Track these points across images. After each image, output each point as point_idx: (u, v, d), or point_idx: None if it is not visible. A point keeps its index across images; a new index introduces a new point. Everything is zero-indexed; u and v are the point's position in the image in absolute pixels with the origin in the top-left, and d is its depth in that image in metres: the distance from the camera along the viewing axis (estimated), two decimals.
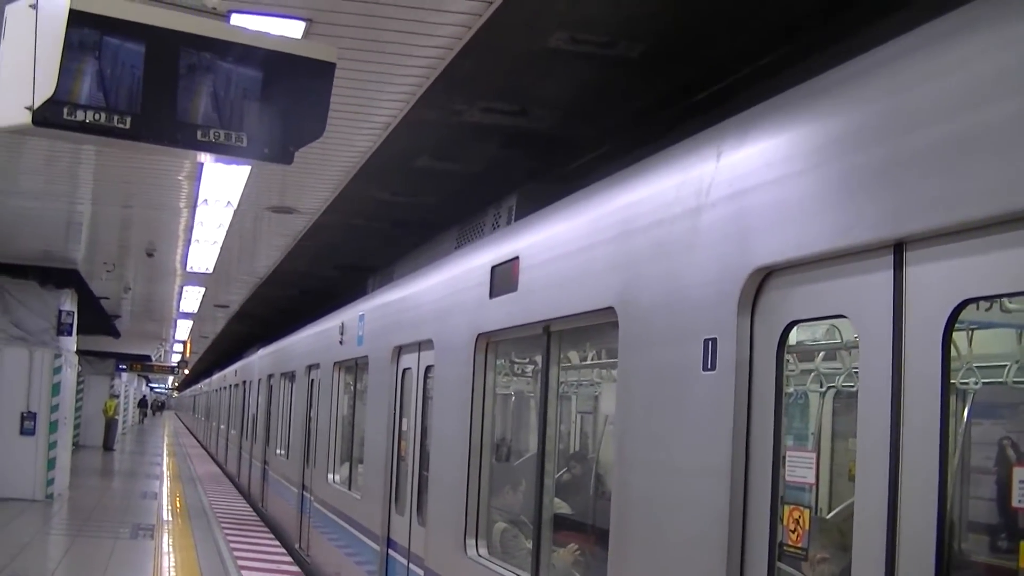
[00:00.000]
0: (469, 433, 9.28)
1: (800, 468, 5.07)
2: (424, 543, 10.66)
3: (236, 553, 18.53)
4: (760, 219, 5.13)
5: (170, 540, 19.74)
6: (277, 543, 20.64)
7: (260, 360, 29.61)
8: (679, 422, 5.69)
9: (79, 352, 29.25)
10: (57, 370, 25.14)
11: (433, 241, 13.03)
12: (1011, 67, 3.79)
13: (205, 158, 7.25)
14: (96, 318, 31.24)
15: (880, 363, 4.27)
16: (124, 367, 53.70)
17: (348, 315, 16.11)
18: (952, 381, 4.16)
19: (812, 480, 5.14)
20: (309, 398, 19.35)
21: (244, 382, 33.83)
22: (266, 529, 22.84)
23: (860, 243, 4.40)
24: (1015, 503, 3.96)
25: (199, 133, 6.00)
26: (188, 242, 18.30)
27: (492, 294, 8.96)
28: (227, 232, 16.96)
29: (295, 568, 17.65)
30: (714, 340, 5.33)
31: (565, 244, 7.68)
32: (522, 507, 9.19)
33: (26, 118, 5.29)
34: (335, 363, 16.85)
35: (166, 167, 12.89)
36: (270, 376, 26.17)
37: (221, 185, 13.57)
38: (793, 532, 4.90)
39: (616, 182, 7.13)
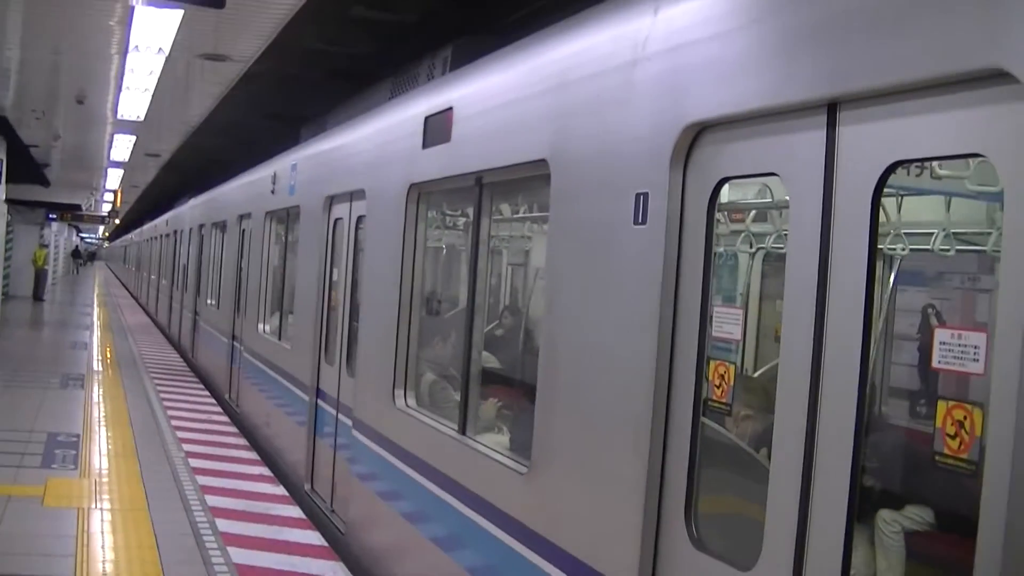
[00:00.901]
0: (400, 284, 9.33)
1: (727, 324, 5.20)
2: (353, 394, 10.78)
3: (166, 403, 18.57)
4: (695, 75, 5.10)
5: (100, 390, 19.73)
6: (207, 393, 20.69)
7: (191, 210, 29.41)
8: (609, 275, 5.72)
9: (8, 201, 28.94)
10: None
11: (367, 91, 12.83)
12: None
13: (137, 1, 7.11)
14: (25, 166, 30.83)
15: (809, 222, 4.32)
16: (54, 216, 53.03)
17: (280, 164, 15.99)
18: (880, 247, 4.24)
19: (739, 337, 5.28)
20: (240, 248, 19.33)
21: (175, 232, 33.65)
22: (196, 379, 22.88)
23: (794, 102, 4.41)
24: (934, 364, 3.96)
25: None
26: (119, 89, 18.04)
27: (425, 144, 8.88)
28: (159, 79, 16.72)
29: (224, 418, 17.71)
30: (646, 195, 5.36)
31: (500, 95, 7.60)
32: (451, 360, 9.24)
33: None
34: (267, 212, 16.80)
35: (96, 12, 12.66)
36: (201, 226, 26.00)
37: (152, 31, 13.34)
38: (718, 387, 5.00)
39: (552, 34, 7.06)
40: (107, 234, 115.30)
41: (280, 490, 12.56)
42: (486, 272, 8.41)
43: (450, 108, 8.38)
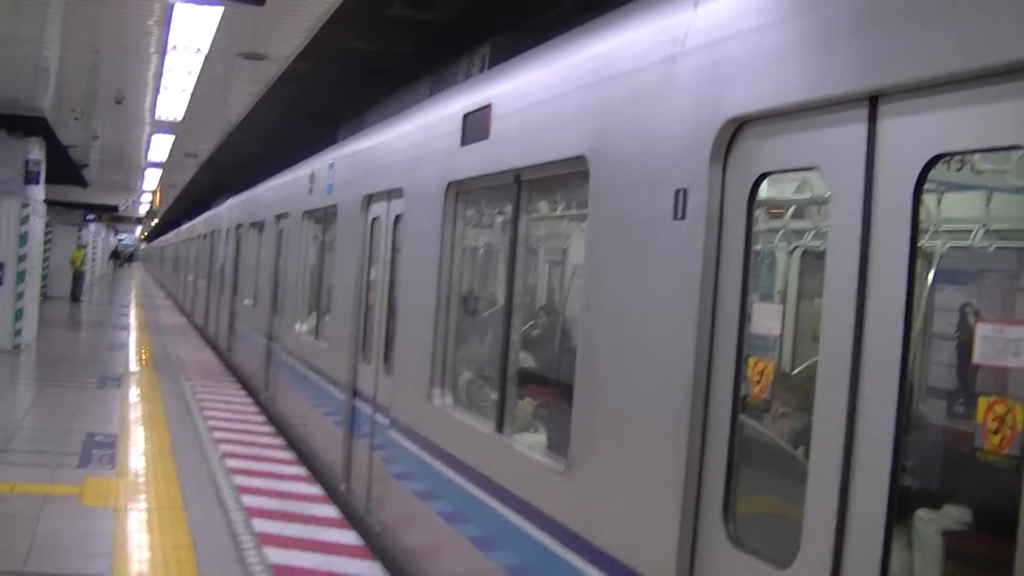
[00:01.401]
0: (437, 283, 9.34)
1: (767, 320, 5.19)
2: (390, 393, 10.80)
3: (202, 403, 18.63)
4: (735, 69, 5.08)
5: (137, 390, 19.81)
6: (244, 393, 20.74)
7: (229, 210, 29.45)
8: (648, 271, 5.72)
9: (47, 202, 29.04)
10: (25, 220, 24.93)
11: (405, 90, 12.79)
12: None
13: None
14: (64, 167, 30.94)
15: (850, 215, 4.29)
16: (92, 217, 53.34)
17: (318, 164, 16.00)
18: (919, 243, 4.17)
19: (778, 332, 5.29)
20: (278, 248, 19.35)
21: (212, 232, 33.73)
22: (233, 379, 22.92)
23: (835, 95, 4.38)
24: (976, 359, 3.92)
25: None
26: (157, 89, 18.12)
27: (464, 142, 8.89)
28: (197, 79, 16.78)
29: (261, 418, 17.74)
30: (685, 191, 5.33)
31: (538, 92, 7.61)
32: (489, 359, 9.25)
33: None
34: (304, 212, 16.77)
35: (135, 11, 12.71)
36: (239, 226, 26.03)
37: (191, 31, 13.38)
38: (757, 384, 4.98)
39: (591, 30, 7.05)
40: (145, 235, 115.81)
41: (317, 490, 12.57)
42: (524, 271, 8.41)
43: (488, 105, 8.38)
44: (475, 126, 8.64)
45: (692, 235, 5.24)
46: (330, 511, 11.59)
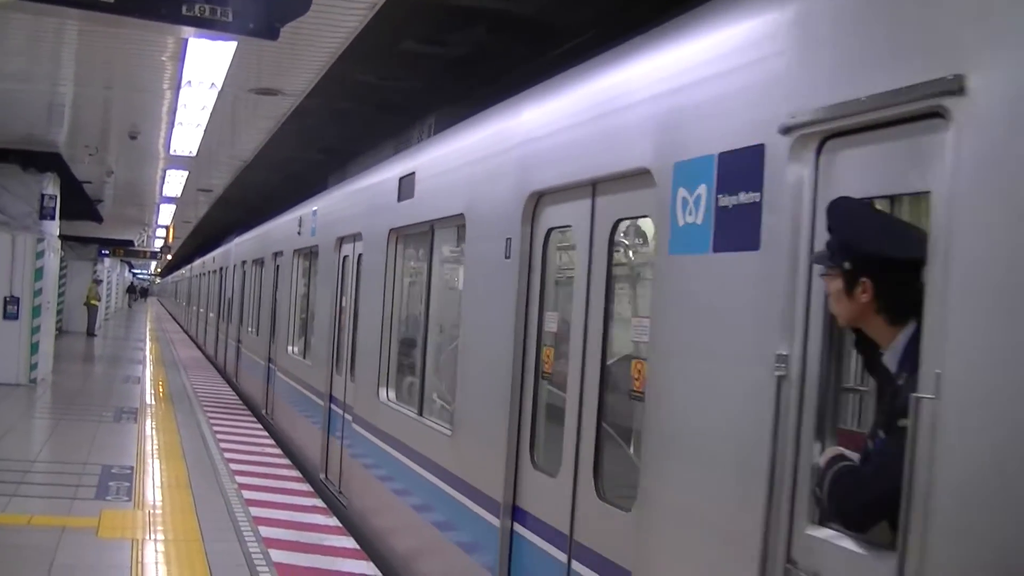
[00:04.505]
0: (383, 306, 12.27)
1: (552, 323, 7.75)
2: (353, 394, 13.74)
3: (218, 435, 18.70)
4: (537, 160, 7.79)
5: (153, 423, 19.90)
6: (259, 425, 20.84)
7: (236, 247, 31.71)
8: (492, 292, 8.45)
9: (62, 237, 29.19)
10: (40, 255, 25.10)
11: (376, 148, 15.76)
12: None
13: (189, 33, 7.22)
14: (79, 202, 31.09)
15: (583, 253, 7.03)
16: (107, 252, 53.55)
17: (305, 210, 19.12)
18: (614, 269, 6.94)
19: (556, 330, 7.75)
20: (275, 281, 22.19)
21: (221, 268, 35.63)
22: (247, 411, 23.05)
23: (579, 182, 7.06)
24: (632, 338, 6.91)
25: (184, 7, 5.98)
26: (171, 125, 18.19)
27: (400, 199, 11.76)
28: (211, 114, 16.87)
29: (277, 450, 17.86)
30: (510, 239, 8.04)
31: (440, 165, 10.54)
32: (416, 363, 11.50)
33: None
34: (295, 250, 19.84)
35: (149, 47, 12.80)
36: (243, 262, 28.91)
37: (205, 66, 13.47)
38: (547, 363, 7.74)
39: (473, 121, 9.79)
40: (159, 270, 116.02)
41: (333, 521, 12.64)
42: (437, 296, 11.05)
43: (414, 172, 11.29)
44: (406, 187, 11.51)
45: (514, 269, 7.95)
46: (348, 542, 11.66)
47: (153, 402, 23.67)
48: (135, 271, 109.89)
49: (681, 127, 5.65)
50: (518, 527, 7.78)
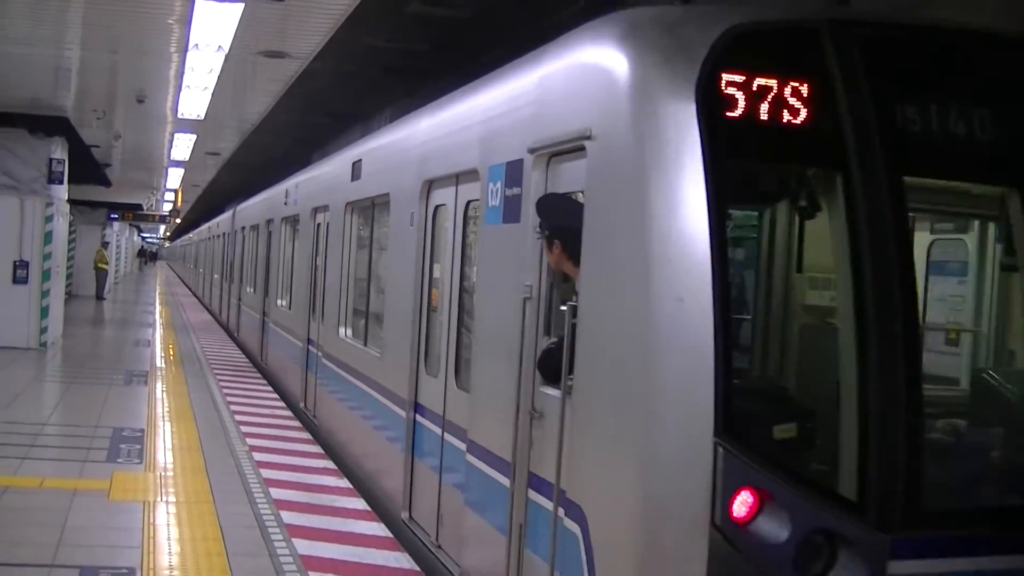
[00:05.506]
0: (341, 264, 15.18)
1: (437, 273, 10.38)
2: (322, 334, 16.57)
3: (229, 398, 18.74)
4: (430, 156, 10.51)
5: (163, 386, 19.98)
6: (269, 388, 20.82)
7: (237, 214, 33.24)
8: (403, 252, 11.24)
9: (70, 201, 29.20)
10: (49, 219, 25.14)
11: (348, 131, 19.02)
12: None
13: None
14: (87, 167, 31.04)
15: (454, 225, 9.76)
16: (115, 216, 53.49)
17: (291, 183, 21.74)
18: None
19: (439, 276, 10.41)
20: (268, 244, 24.50)
21: (225, 234, 36.97)
22: (257, 374, 23.03)
23: (447, 175, 9.94)
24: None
25: None
26: (179, 88, 18.17)
27: (352, 179, 14.71)
28: (218, 77, 16.85)
29: (287, 412, 17.85)
30: (413, 212, 10.82)
31: (377, 154, 13.48)
32: (363, 309, 14.87)
33: None
34: (282, 218, 22.38)
35: (156, 9, 12.78)
36: (243, 227, 30.88)
37: (212, 29, 13.45)
38: (434, 300, 10.49)
39: (399, 123, 12.81)
40: (168, 233, 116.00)
41: (344, 483, 12.68)
42: (376, 257, 13.88)
43: (361, 159, 14.31)
44: (357, 170, 14.48)
45: (416, 234, 10.67)
46: (358, 503, 11.70)
47: (163, 365, 23.75)
48: (144, 235, 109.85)
49: (490, 142, 8.51)
50: (419, 417, 10.56)
